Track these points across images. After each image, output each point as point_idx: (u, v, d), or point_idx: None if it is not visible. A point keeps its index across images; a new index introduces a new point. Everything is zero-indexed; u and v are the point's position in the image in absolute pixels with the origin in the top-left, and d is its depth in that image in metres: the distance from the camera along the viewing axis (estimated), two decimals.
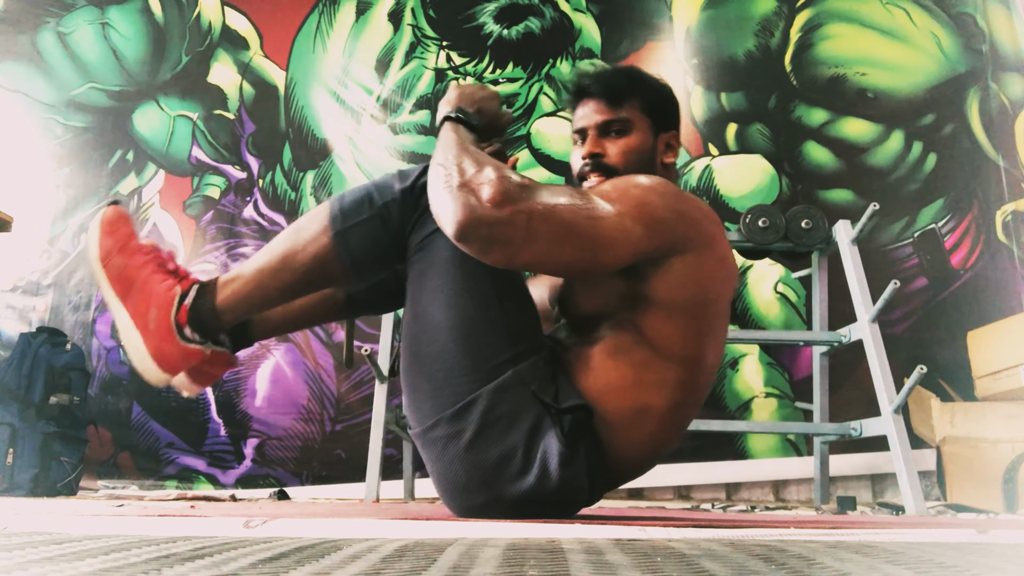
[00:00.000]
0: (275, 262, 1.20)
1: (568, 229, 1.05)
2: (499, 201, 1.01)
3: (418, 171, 1.20)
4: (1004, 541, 0.76)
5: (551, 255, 1.06)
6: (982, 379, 2.95)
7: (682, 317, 1.14)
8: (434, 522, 0.97)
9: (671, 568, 0.52)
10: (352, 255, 1.19)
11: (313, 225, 1.20)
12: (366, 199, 1.19)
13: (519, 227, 1.02)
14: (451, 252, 1.14)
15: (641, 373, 1.14)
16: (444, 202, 1.05)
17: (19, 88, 3.52)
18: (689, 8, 3.49)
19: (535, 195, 1.04)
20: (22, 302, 3.31)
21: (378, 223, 1.18)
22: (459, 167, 1.07)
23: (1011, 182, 3.29)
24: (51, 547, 0.58)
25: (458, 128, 1.18)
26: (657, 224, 1.11)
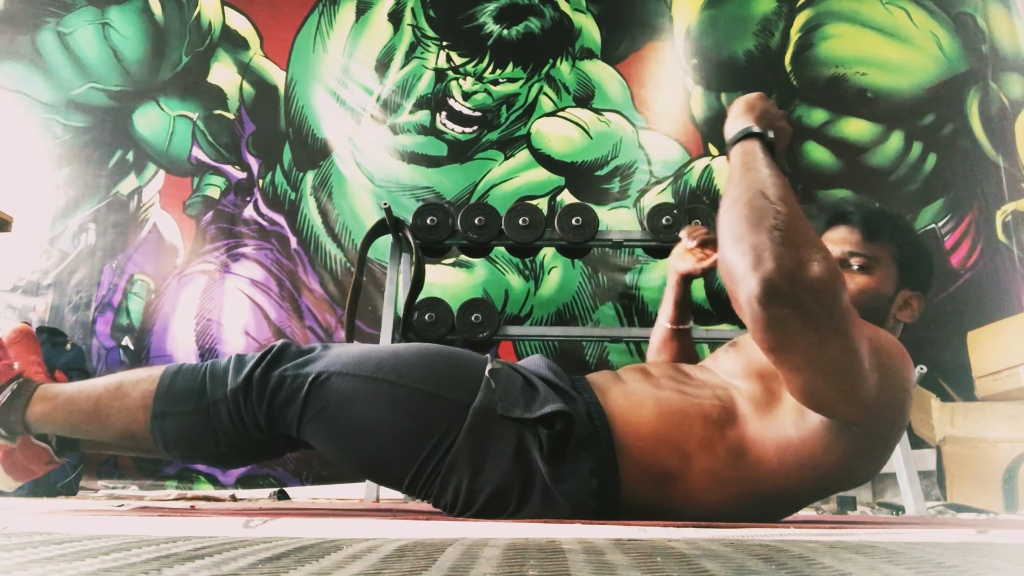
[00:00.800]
0: (89, 411, 1.17)
1: (848, 368, 0.92)
2: (823, 296, 0.87)
3: (253, 361, 1.14)
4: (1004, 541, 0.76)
5: (814, 376, 0.94)
6: (982, 379, 2.95)
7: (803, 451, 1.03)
8: (434, 522, 0.97)
9: (671, 568, 0.52)
10: (167, 441, 1.14)
11: (135, 393, 1.15)
12: (195, 390, 1.13)
13: (819, 332, 0.89)
14: (336, 397, 1.09)
15: (708, 452, 1.05)
16: (763, 249, 0.88)
17: (19, 88, 3.52)
18: (689, 8, 3.49)
19: (851, 311, 0.92)
20: (22, 302, 3.31)
21: (202, 419, 1.13)
22: (789, 215, 0.91)
23: (1011, 182, 3.29)
24: (51, 547, 0.58)
25: (769, 157, 1.00)
26: (884, 411, 1.00)
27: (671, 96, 3.42)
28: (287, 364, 1.14)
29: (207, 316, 3.27)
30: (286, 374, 1.12)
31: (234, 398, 1.12)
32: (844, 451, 1.02)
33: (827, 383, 0.94)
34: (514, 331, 2.74)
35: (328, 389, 1.10)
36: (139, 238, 3.38)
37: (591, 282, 3.26)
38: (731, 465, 1.06)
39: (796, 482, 1.06)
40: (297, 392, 1.11)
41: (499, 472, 1.06)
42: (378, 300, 3.12)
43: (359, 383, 1.10)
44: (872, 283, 1.17)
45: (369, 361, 1.12)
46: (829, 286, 0.87)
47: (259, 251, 3.34)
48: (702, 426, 1.07)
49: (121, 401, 1.15)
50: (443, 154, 3.40)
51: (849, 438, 1.01)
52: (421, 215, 2.67)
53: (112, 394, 1.16)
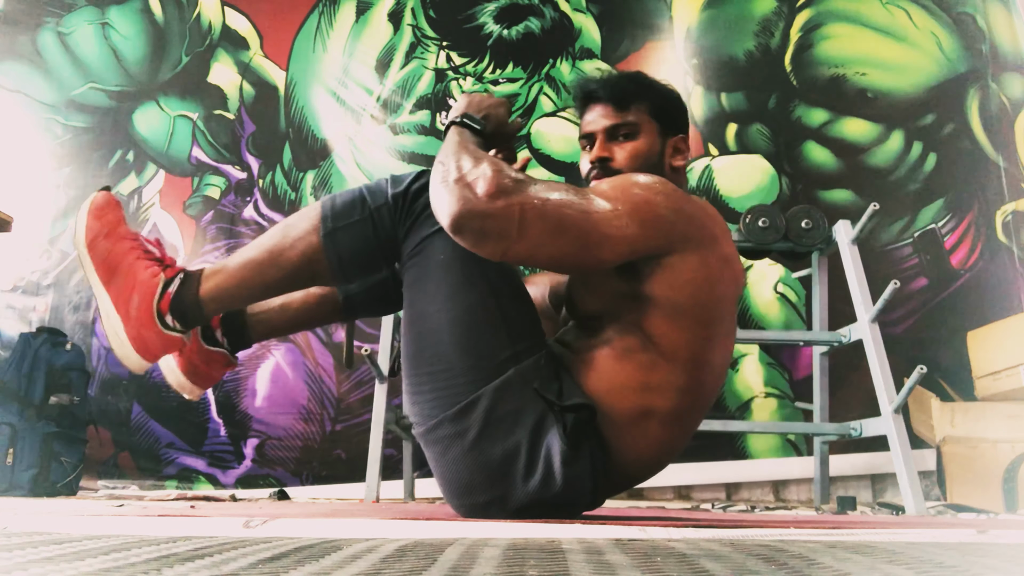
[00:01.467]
0: (262, 257, 1.20)
1: (562, 223, 1.06)
2: (493, 194, 1.03)
3: (411, 176, 1.20)
4: (1004, 541, 0.76)
5: (545, 248, 1.07)
6: (982, 379, 2.95)
7: (685, 318, 1.14)
8: (434, 522, 0.97)
9: (671, 568, 0.52)
10: (340, 256, 1.19)
11: (303, 223, 1.20)
12: (358, 201, 1.20)
13: (513, 220, 1.03)
14: (446, 255, 1.15)
15: (646, 375, 1.14)
16: (441, 196, 1.06)
17: (19, 88, 3.52)
18: (689, 8, 3.50)
19: (530, 189, 1.06)
20: (22, 302, 3.31)
21: (368, 226, 1.18)
22: (457, 164, 1.08)
23: (1011, 182, 3.29)
24: (51, 547, 0.58)
25: (463, 131, 1.19)
26: (655, 221, 1.11)
27: None
28: None
29: None
30: None
31: (395, 202, 1.19)
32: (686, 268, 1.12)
33: (559, 249, 1.07)
34: None
35: (447, 244, 1.14)
36: None
37: None
38: (653, 366, 1.14)
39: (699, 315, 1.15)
40: (429, 224, 1.16)
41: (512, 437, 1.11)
42: None
43: (470, 265, 1.14)
44: (641, 146, 1.27)
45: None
46: (494, 185, 1.03)
47: None
48: (635, 361, 1.14)
49: (291, 234, 1.20)
50: None
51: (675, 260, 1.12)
52: None
53: (280, 234, 1.21)
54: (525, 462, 1.11)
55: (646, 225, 1.10)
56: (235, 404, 3.18)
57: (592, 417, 1.11)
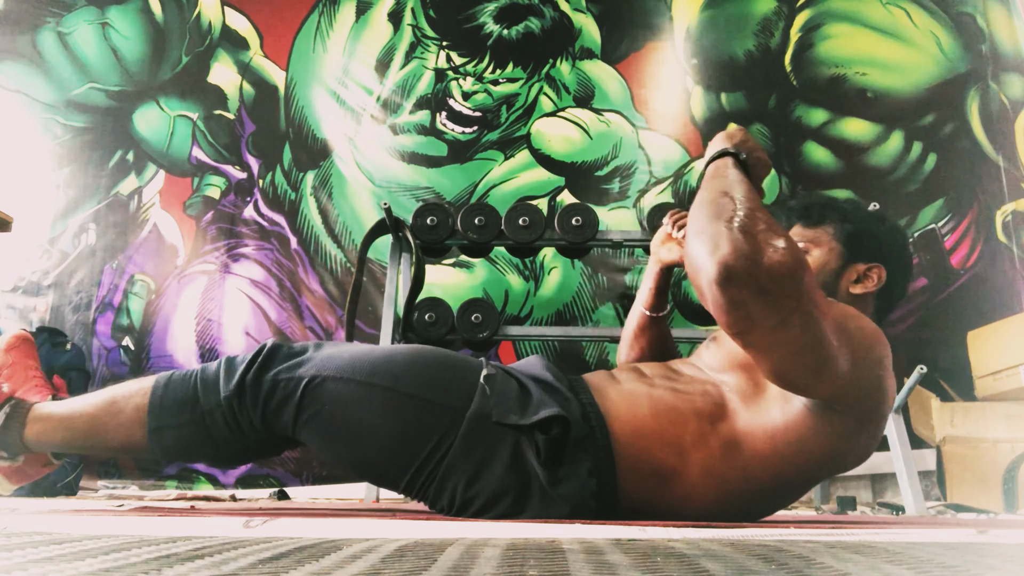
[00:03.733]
0: (86, 429, 1.17)
1: (815, 345, 0.94)
2: (782, 276, 0.89)
3: (244, 365, 1.13)
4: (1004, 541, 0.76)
5: (781, 356, 0.95)
6: (982, 379, 2.95)
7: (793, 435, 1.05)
8: (434, 522, 0.97)
9: (671, 568, 0.52)
10: (167, 452, 1.15)
11: (129, 406, 1.15)
12: (188, 401, 1.13)
13: (780, 312, 0.90)
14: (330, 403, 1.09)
15: (702, 447, 1.06)
16: (720, 236, 0.91)
17: (19, 88, 3.52)
18: (689, 8, 3.49)
19: (814, 293, 0.93)
20: (22, 302, 3.31)
21: (199, 430, 1.13)
22: (749, 208, 0.94)
23: (1011, 182, 3.29)
24: (51, 547, 0.58)
25: (739, 169, 1.06)
26: (862, 387, 1.03)
27: (671, 96, 3.42)
28: (279, 367, 1.13)
29: (207, 316, 3.27)
30: (279, 378, 1.12)
31: (228, 405, 1.11)
32: (830, 432, 1.04)
33: (795, 361, 0.96)
34: (514, 331, 2.74)
35: (322, 393, 1.10)
36: (139, 238, 3.38)
37: (591, 282, 3.26)
38: (725, 459, 1.07)
39: (788, 469, 1.07)
40: (291, 396, 1.10)
41: (495, 478, 1.07)
42: (378, 300, 3.12)
43: (353, 388, 1.09)
44: (814, 263, 1.22)
45: (363, 365, 1.12)
46: (787, 267, 0.89)
47: (259, 251, 3.34)
48: (695, 422, 1.08)
49: (116, 418, 1.15)
50: (443, 154, 3.40)
51: (833, 418, 1.03)
52: (421, 215, 2.67)
53: (106, 411, 1.16)
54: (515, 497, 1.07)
55: (860, 386, 1.02)
56: None
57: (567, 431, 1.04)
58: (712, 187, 1.01)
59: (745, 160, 1.08)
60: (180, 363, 3.23)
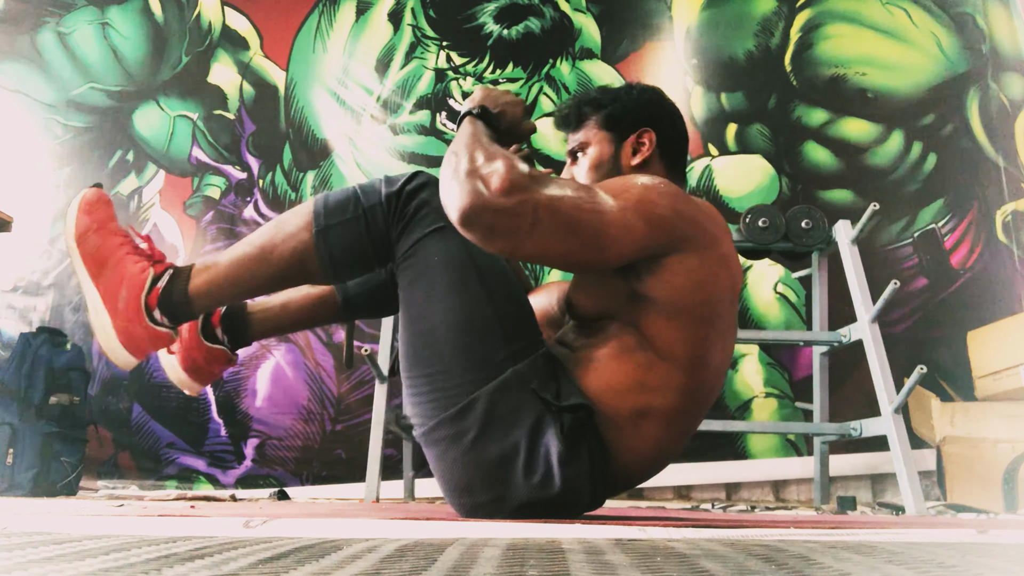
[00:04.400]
0: (253, 253, 1.19)
1: (573, 221, 1.05)
2: (506, 190, 1.02)
3: (405, 177, 1.20)
4: (1004, 541, 0.76)
5: (554, 246, 1.06)
6: (982, 379, 2.95)
7: (684, 319, 1.14)
8: (434, 522, 0.97)
9: (671, 568, 0.52)
10: (332, 254, 1.18)
11: (295, 219, 1.19)
12: (351, 200, 1.19)
13: (525, 217, 1.02)
14: (441, 256, 1.15)
15: (644, 375, 1.13)
16: (451, 188, 1.05)
17: (19, 88, 3.52)
18: (689, 8, 3.49)
19: (543, 186, 1.05)
20: (22, 302, 3.31)
21: (361, 225, 1.18)
22: (470, 156, 1.07)
23: (1011, 182, 3.29)
24: (51, 547, 0.58)
25: (476, 123, 1.18)
26: (658, 221, 1.10)
27: (671, 96, 3.42)
28: (433, 196, 1.18)
29: None
30: (426, 200, 1.19)
31: (388, 202, 1.18)
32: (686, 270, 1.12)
33: (570, 248, 1.06)
34: None
35: (441, 245, 1.15)
36: None
37: None
38: (651, 366, 1.13)
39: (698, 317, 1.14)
40: (423, 225, 1.17)
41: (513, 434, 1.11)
42: None
43: (466, 266, 1.15)
44: (591, 160, 1.30)
45: (486, 254, 1.17)
46: (502, 178, 1.02)
47: None
48: (631, 360, 1.14)
49: (283, 230, 1.19)
50: (443, 154, 3.39)
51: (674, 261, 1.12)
52: None
53: (272, 230, 1.20)
54: (524, 462, 1.11)
55: (651, 225, 1.10)
56: (235, 404, 3.18)
57: (590, 417, 1.11)
58: (450, 147, 1.13)
59: (481, 113, 1.19)
60: None
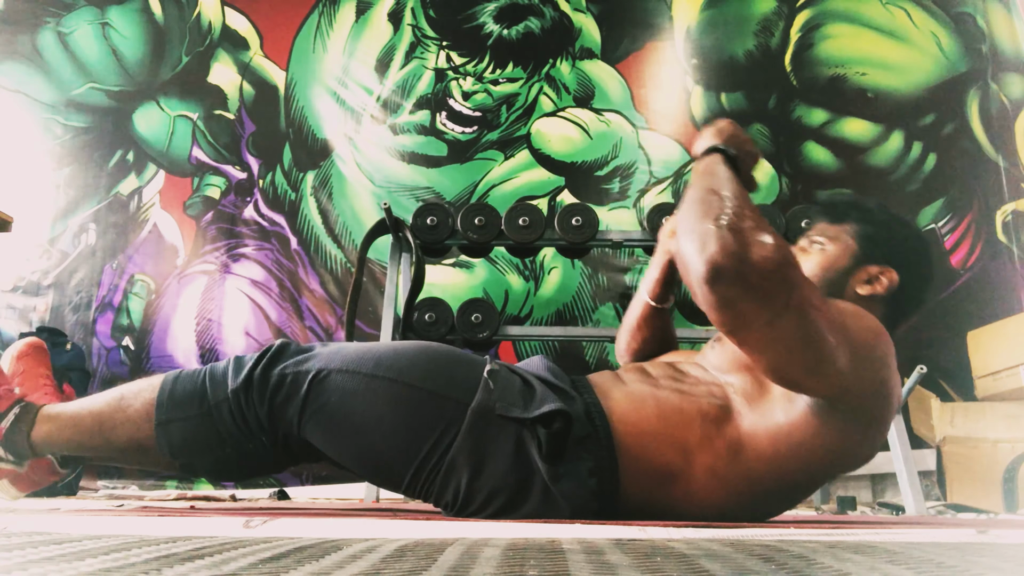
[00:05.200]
0: (93, 427, 1.17)
1: (810, 337, 0.94)
2: (770, 272, 0.90)
3: (252, 361, 1.14)
4: (1004, 541, 0.76)
5: (775, 349, 0.95)
6: (982, 379, 2.95)
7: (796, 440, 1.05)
8: (434, 522, 0.97)
9: (671, 568, 0.52)
10: (173, 448, 1.14)
11: (137, 403, 1.15)
12: (196, 395, 1.13)
13: (772, 308, 0.91)
14: (335, 395, 1.09)
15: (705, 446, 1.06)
16: (708, 235, 0.92)
17: (19, 88, 3.52)
18: (689, 8, 3.49)
19: (803, 287, 0.94)
20: (22, 302, 3.31)
21: (207, 423, 1.13)
22: (737, 206, 0.95)
23: (1011, 182, 3.29)
24: (51, 547, 0.58)
25: (729, 168, 1.07)
26: (863, 385, 1.02)
27: (671, 96, 3.42)
28: (286, 362, 1.14)
29: (207, 316, 3.28)
30: (286, 372, 1.13)
31: (235, 398, 1.12)
32: (835, 431, 1.04)
33: (790, 358, 0.96)
34: (514, 331, 2.74)
35: (328, 386, 1.10)
36: (139, 238, 3.38)
37: (591, 282, 3.26)
38: (730, 460, 1.07)
39: (792, 470, 1.07)
40: (297, 389, 1.11)
41: (498, 472, 1.07)
42: (378, 300, 3.12)
43: (358, 380, 1.10)
44: (824, 259, 1.22)
45: (368, 358, 1.12)
46: (774, 262, 0.90)
47: (259, 251, 3.34)
48: (700, 423, 1.08)
49: (124, 413, 1.15)
50: (443, 154, 3.40)
51: (836, 418, 1.03)
52: (421, 215, 2.67)
53: (114, 407, 1.16)
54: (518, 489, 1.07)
55: (854, 387, 1.01)
56: None
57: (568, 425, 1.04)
58: (700, 185, 1.02)
59: (735, 156, 1.09)
60: (180, 363, 3.23)
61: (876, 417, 1.07)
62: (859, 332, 1.03)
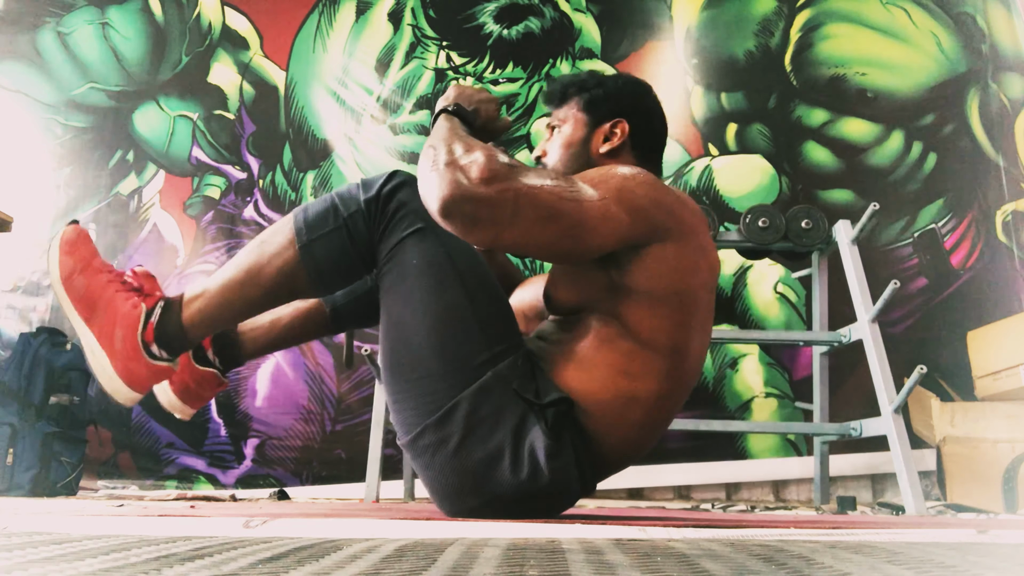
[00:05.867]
0: (240, 276, 1.20)
1: (554, 210, 1.05)
2: (486, 179, 1.02)
3: (381, 180, 1.20)
4: (1004, 541, 0.76)
5: (536, 235, 1.06)
6: (982, 379, 2.94)
7: (664, 307, 1.15)
8: (434, 522, 0.97)
9: (671, 568, 0.52)
10: (318, 267, 1.19)
11: (278, 238, 1.20)
12: (330, 211, 1.20)
13: (505, 206, 1.02)
14: (419, 259, 1.15)
15: (626, 363, 1.15)
16: (431, 180, 1.05)
17: (19, 88, 3.52)
18: (689, 8, 3.49)
19: (523, 176, 1.05)
20: (22, 302, 3.31)
21: (343, 234, 1.18)
22: (448, 147, 1.07)
23: (1011, 182, 3.29)
24: (51, 547, 0.58)
25: (452, 119, 1.19)
26: (638, 210, 1.11)
27: (671, 96, 3.42)
28: (411, 197, 1.18)
29: None
30: (404, 201, 1.19)
31: (367, 207, 1.18)
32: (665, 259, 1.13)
33: (551, 237, 1.06)
34: None
35: (420, 248, 1.16)
36: (139, 238, 3.38)
37: None
38: (632, 354, 1.15)
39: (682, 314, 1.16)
40: (402, 227, 1.17)
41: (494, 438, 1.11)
42: None
43: (444, 269, 1.15)
44: (563, 138, 1.31)
45: (465, 255, 1.18)
46: (481, 167, 1.02)
47: None
48: (610, 348, 1.15)
49: (268, 250, 1.20)
50: None
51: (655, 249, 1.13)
52: None
53: (257, 251, 1.21)
54: (510, 461, 1.11)
55: (631, 214, 1.10)
56: (235, 404, 3.18)
57: (570, 408, 1.12)
58: (427, 142, 1.13)
59: (455, 110, 1.20)
60: None
61: (680, 230, 1.15)
62: (604, 179, 1.13)
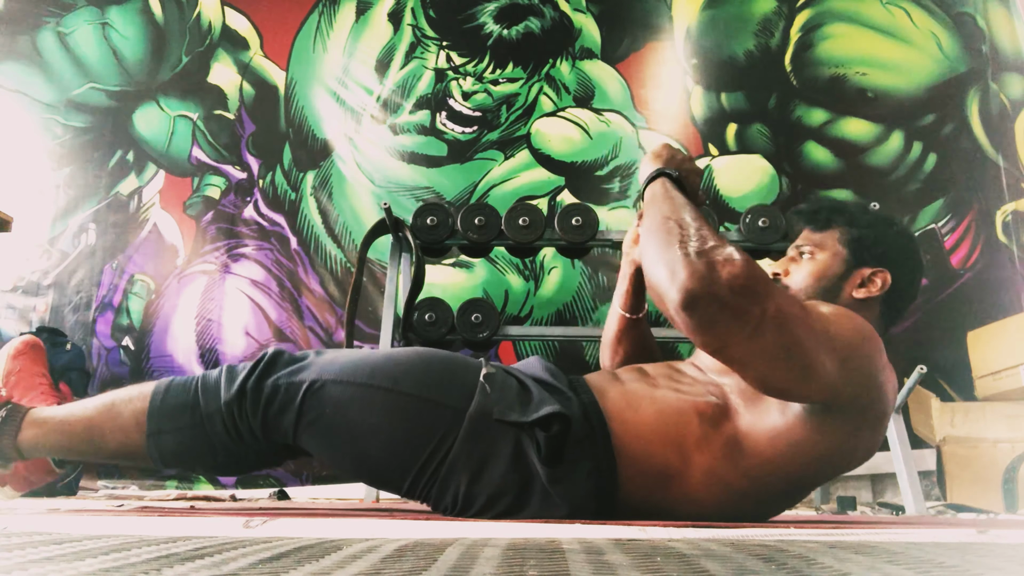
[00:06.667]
0: (82, 433, 1.17)
1: (792, 349, 0.95)
2: (741, 288, 0.92)
3: (245, 372, 1.13)
4: (1004, 541, 0.76)
5: (762, 361, 0.96)
6: (982, 379, 2.95)
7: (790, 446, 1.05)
8: (434, 522, 0.97)
9: (671, 568, 0.52)
10: (163, 455, 1.14)
11: (127, 410, 1.15)
12: (189, 405, 1.13)
13: (749, 323, 0.92)
14: (330, 406, 1.09)
15: (702, 441, 1.07)
16: (676, 263, 0.94)
17: (19, 88, 3.52)
18: (689, 8, 3.49)
19: (776, 297, 0.95)
20: (22, 302, 3.31)
21: (198, 433, 1.12)
22: (699, 232, 0.97)
23: (1011, 182, 3.29)
24: (51, 547, 0.58)
25: (676, 191, 1.09)
26: (856, 386, 1.03)
27: (671, 96, 3.42)
28: (280, 372, 1.13)
29: (207, 316, 3.27)
30: (280, 383, 1.12)
31: (228, 410, 1.11)
32: (830, 431, 1.04)
33: (776, 369, 0.97)
34: (514, 331, 2.74)
35: (323, 397, 1.10)
36: (139, 238, 3.38)
37: (591, 282, 3.26)
38: (727, 460, 1.07)
39: (790, 470, 1.08)
40: (291, 401, 1.10)
41: (497, 476, 1.07)
42: (378, 300, 3.12)
43: (354, 390, 1.09)
44: (816, 268, 1.22)
45: (363, 367, 1.12)
46: (745, 278, 0.92)
47: (259, 251, 3.34)
48: (697, 423, 1.08)
49: (114, 421, 1.15)
50: (443, 154, 3.40)
51: (832, 418, 1.03)
52: (421, 215, 2.67)
53: (104, 415, 1.16)
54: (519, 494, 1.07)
55: (847, 388, 1.01)
56: None
57: (567, 428, 1.04)
58: (656, 213, 1.04)
59: (679, 177, 1.12)
60: (180, 363, 3.24)
61: (871, 415, 1.07)
62: (843, 333, 1.03)
